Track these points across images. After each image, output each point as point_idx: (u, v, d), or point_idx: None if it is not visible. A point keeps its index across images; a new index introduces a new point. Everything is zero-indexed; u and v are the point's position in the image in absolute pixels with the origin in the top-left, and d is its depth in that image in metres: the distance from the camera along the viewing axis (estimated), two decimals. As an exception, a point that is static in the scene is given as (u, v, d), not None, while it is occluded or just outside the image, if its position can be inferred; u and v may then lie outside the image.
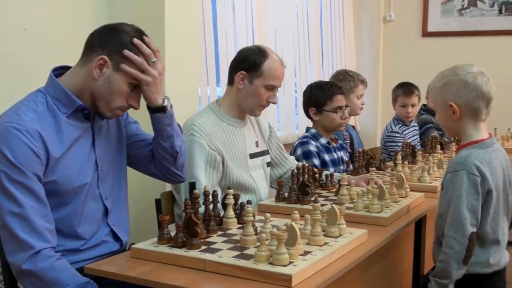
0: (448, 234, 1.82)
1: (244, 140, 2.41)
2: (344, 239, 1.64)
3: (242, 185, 2.35)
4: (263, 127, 2.59)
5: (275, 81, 2.37)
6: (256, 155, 2.47)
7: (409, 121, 4.18)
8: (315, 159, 2.85)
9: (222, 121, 2.36)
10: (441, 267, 1.83)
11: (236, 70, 2.37)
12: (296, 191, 2.13)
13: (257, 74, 2.34)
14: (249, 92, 2.36)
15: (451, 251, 1.80)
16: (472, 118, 1.91)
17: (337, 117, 2.95)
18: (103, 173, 1.82)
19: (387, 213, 1.98)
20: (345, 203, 2.11)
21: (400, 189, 2.24)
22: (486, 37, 5.42)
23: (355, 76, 3.58)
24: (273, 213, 1.97)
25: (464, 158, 1.86)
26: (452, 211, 1.82)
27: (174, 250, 1.54)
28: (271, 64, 2.35)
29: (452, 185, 1.84)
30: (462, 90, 1.88)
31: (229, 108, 2.40)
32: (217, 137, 2.28)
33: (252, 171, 2.43)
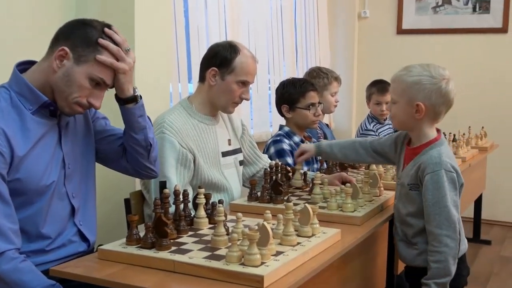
0: (441, 234, 1.89)
1: (216, 138, 2.40)
2: (317, 238, 1.65)
3: (214, 184, 2.35)
4: (235, 124, 2.59)
5: (248, 77, 2.37)
6: (228, 153, 2.47)
7: (384, 119, 4.21)
8: (289, 158, 2.85)
9: (193, 119, 2.35)
10: (440, 266, 1.89)
11: (207, 67, 2.36)
12: (269, 190, 2.13)
13: (228, 70, 2.33)
14: (221, 88, 2.35)
15: (447, 249, 1.88)
16: (432, 120, 2.01)
17: (310, 114, 2.96)
18: (70, 171, 1.79)
19: (361, 212, 1.99)
20: (318, 202, 2.12)
21: (374, 188, 2.26)
22: (460, 35, 5.49)
23: (329, 73, 3.59)
24: (245, 213, 1.97)
25: (438, 157, 1.94)
26: (441, 211, 1.89)
27: (143, 251, 1.53)
28: (242, 60, 2.35)
29: (433, 185, 1.91)
30: (433, 93, 1.95)
31: (201, 105, 2.39)
32: (188, 135, 2.27)
33: (225, 169, 2.42)
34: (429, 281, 1.90)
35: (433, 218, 1.91)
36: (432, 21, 5.58)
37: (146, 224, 1.58)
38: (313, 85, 3.03)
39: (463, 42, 5.50)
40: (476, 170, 4.10)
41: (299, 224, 1.69)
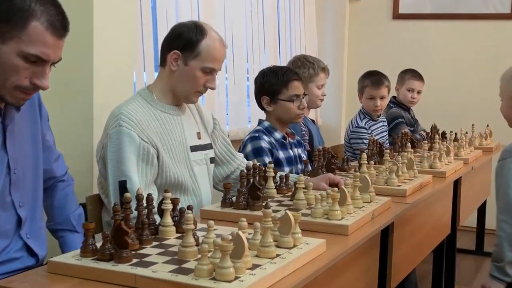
0: (500, 218, 2.28)
1: (182, 130, 2.40)
2: (299, 250, 1.65)
3: (181, 184, 2.34)
4: (206, 118, 2.59)
5: (214, 63, 2.37)
6: (198, 148, 2.47)
7: (377, 115, 4.24)
8: (267, 157, 2.86)
9: (155, 109, 2.34)
10: (497, 250, 2.29)
11: (168, 49, 2.36)
12: (245, 195, 2.13)
13: (193, 55, 2.33)
14: (184, 75, 2.35)
15: (503, 233, 2.25)
16: None
17: (293, 106, 2.97)
18: (17, 177, 1.77)
19: (349, 220, 2.00)
20: (301, 209, 2.12)
21: (365, 193, 2.27)
22: (464, 21, 5.55)
23: (315, 63, 3.61)
24: (218, 221, 1.96)
25: (510, 146, 2.34)
26: (502, 197, 2.29)
27: (100, 263, 1.52)
28: (209, 43, 2.34)
29: (500, 172, 2.32)
30: None
31: (162, 93, 2.39)
32: (149, 127, 2.27)
33: (194, 166, 2.42)
34: (491, 262, 2.33)
35: (496, 203, 2.33)
36: (432, 5, 5.64)
37: (104, 233, 1.57)
38: (297, 73, 3.04)
39: (467, 29, 5.56)
40: (479, 174, 4.14)
41: (279, 233, 1.68)
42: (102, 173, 2.30)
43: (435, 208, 3.13)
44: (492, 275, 2.33)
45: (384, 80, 4.17)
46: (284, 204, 2.23)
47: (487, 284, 2.37)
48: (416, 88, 4.67)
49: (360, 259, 2.11)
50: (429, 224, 3.04)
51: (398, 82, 4.72)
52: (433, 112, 5.34)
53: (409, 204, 2.46)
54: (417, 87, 4.67)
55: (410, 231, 2.69)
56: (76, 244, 1.59)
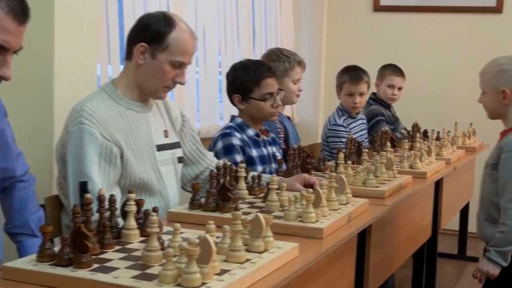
0: (508, 208, 2.56)
1: (149, 128, 2.39)
2: (271, 254, 1.65)
3: (147, 185, 2.34)
4: (173, 115, 2.58)
5: (184, 57, 2.36)
6: (165, 147, 2.46)
7: (356, 112, 4.26)
8: (238, 155, 2.86)
9: (119, 105, 2.33)
10: (503, 237, 2.56)
11: (135, 42, 2.35)
12: (215, 196, 2.13)
13: (161, 47, 2.32)
14: (151, 69, 2.34)
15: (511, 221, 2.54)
16: None
17: (267, 105, 2.97)
18: None
19: (324, 223, 2.00)
20: (274, 211, 2.12)
21: (341, 195, 2.28)
22: (448, 14, 5.60)
23: (291, 56, 3.62)
24: (186, 223, 1.96)
25: None
26: (509, 187, 2.56)
27: (57, 269, 1.50)
28: (179, 36, 2.33)
29: (507, 163, 2.59)
30: None
31: (127, 88, 2.37)
32: (113, 124, 2.25)
33: (161, 166, 2.41)
34: (490, 247, 2.57)
35: (503, 193, 2.58)
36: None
37: (62, 237, 1.55)
38: (270, 69, 3.03)
39: (451, 22, 5.61)
40: (462, 175, 4.19)
41: (249, 237, 1.68)
42: (62, 173, 2.28)
43: (415, 210, 3.16)
44: (491, 259, 2.58)
45: (363, 75, 4.18)
46: (256, 206, 2.23)
47: (484, 267, 2.61)
48: (397, 84, 4.70)
49: (335, 264, 2.12)
50: (408, 227, 3.06)
51: (378, 78, 4.75)
52: (414, 109, 5.38)
53: (387, 206, 2.47)
54: (398, 83, 4.71)
55: (388, 235, 2.71)
56: (35, 249, 1.58)
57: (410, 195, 2.81)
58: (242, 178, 2.36)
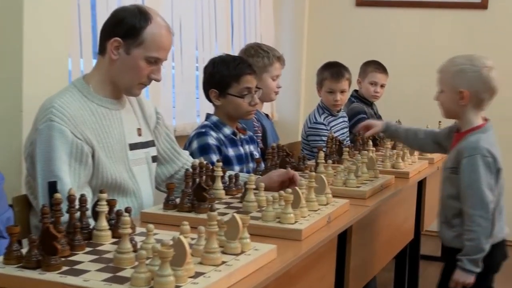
0: (474, 214, 2.58)
1: (121, 126, 2.38)
2: (248, 257, 1.65)
3: (119, 185, 2.33)
4: (147, 112, 2.58)
5: (160, 53, 2.35)
6: (138, 146, 2.46)
7: (337, 110, 4.27)
8: (214, 155, 2.86)
9: (91, 102, 2.32)
10: (473, 244, 2.58)
11: (109, 36, 2.34)
12: (191, 196, 2.13)
13: (136, 43, 2.31)
14: (125, 65, 2.33)
15: (480, 228, 2.56)
16: (476, 107, 2.70)
17: (244, 103, 2.97)
18: None
19: (303, 224, 2.01)
20: (251, 212, 2.12)
21: (320, 195, 2.28)
22: (433, 9, 5.64)
23: (270, 52, 3.62)
24: (160, 224, 1.96)
25: (475, 143, 2.64)
26: (474, 192, 2.58)
27: (25, 271, 1.49)
28: (154, 31, 2.33)
29: (469, 168, 2.60)
30: (475, 80, 2.65)
31: (100, 84, 2.36)
32: (84, 122, 2.24)
33: (134, 166, 2.41)
34: (462, 257, 2.58)
35: (468, 199, 2.60)
36: (399, -8, 5.70)
37: (31, 238, 1.54)
38: (250, 66, 3.04)
39: (436, 18, 5.65)
40: (446, 175, 4.21)
41: (226, 238, 1.68)
42: (30, 172, 2.27)
43: (397, 211, 3.18)
44: (464, 268, 2.59)
45: (344, 72, 4.20)
46: (233, 206, 2.23)
47: (460, 278, 2.62)
48: (379, 81, 4.72)
49: (315, 266, 2.13)
50: (390, 229, 3.08)
51: (360, 74, 4.77)
52: (397, 107, 5.40)
53: (368, 207, 2.49)
54: (381, 81, 4.73)
55: (369, 236, 2.73)
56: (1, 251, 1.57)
57: (392, 196, 2.83)
58: (218, 177, 2.35)
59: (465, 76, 2.66)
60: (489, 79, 2.65)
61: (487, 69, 2.66)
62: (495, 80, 2.67)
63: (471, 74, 2.65)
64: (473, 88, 2.65)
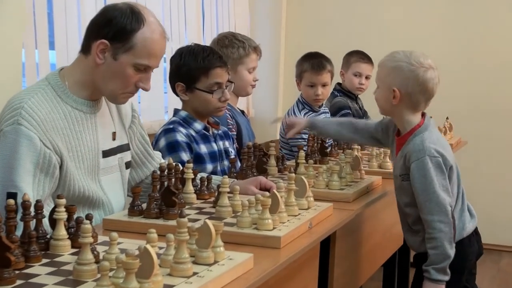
0: (433, 220, 2.58)
1: (95, 133, 2.35)
2: (221, 267, 1.65)
3: (87, 198, 2.31)
4: (123, 111, 2.55)
5: (151, 60, 2.30)
6: (111, 152, 2.43)
7: (319, 105, 4.28)
8: (184, 153, 2.86)
9: (65, 104, 2.27)
10: (437, 252, 2.58)
11: (95, 36, 2.27)
12: (159, 201, 2.12)
13: (125, 47, 2.26)
14: (111, 71, 2.28)
15: (441, 234, 2.57)
16: (411, 108, 2.67)
17: (213, 99, 2.95)
18: None
19: (282, 230, 2.01)
20: (225, 218, 2.12)
21: (301, 198, 2.29)
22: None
23: (246, 42, 3.62)
24: (125, 232, 1.95)
25: (420, 144, 2.62)
26: (430, 197, 2.58)
27: (-26, 286, 1.49)
28: (147, 35, 2.27)
29: (419, 173, 2.59)
30: (410, 81, 2.62)
31: (78, 85, 2.31)
32: (55, 127, 2.20)
33: (103, 175, 2.38)
34: (428, 267, 2.58)
35: (424, 206, 2.59)
36: (385, -24, 5.74)
37: (-20, 249, 1.53)
38: (221, 58, 3.02)
39: (423, 5, 5.68)
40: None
41: (197, 247, 1.68)
42: None
43: (386, 215, 3.19)
44: (433, 279, 2.58)
45: (326, 64, 4.20)
46: (205, 211, 2.23)
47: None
48: (363, 72, 4.72)
49: (295, 276, 2.13)
50: (378, 234, 3.09)
51: (343, 66, 4.78)
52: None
53: (353, 211, 2.50)
54: (365, 71, 4.73)
55: (355, 243, 2.74)
56: None
57: (379, 198, 2.84)
58: (189, 180, 2.35)
59: (400, 74, 2.62)
60: (424, 80, 2.61)
61: (423, 69, 2.61)
62: (431, 82, 2.63)
63: (406, 73, 2.61)
64: (406, 89, 2.61)
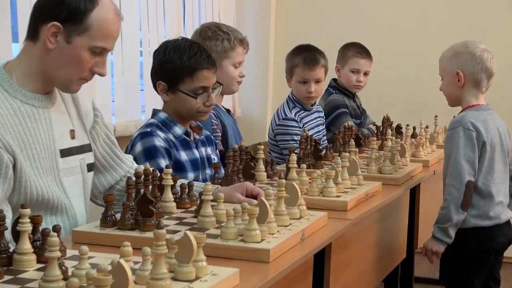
0: (448, 183, 3.17)
1: (50, 128, 2.37)
2: (204, 283, 1.65)
3: (47, 202, 2.32)
4: (83, 109, 2.56)
5: (107, 41, 2.35)
6: (71, 151, 2.44)
7: (311, 103, 4.28)
8: (162, 160, 2.86)
9: (13, 98, 2.29)
10: (442, 212, 3.18)
11: (45, 19, 2.29)
12: (134, 211, 2.12)
13: (80, 29, 2.29)
14: (65, 55, 2.31)
15: (450, 197, 3.15)
16: (474, 88, 3.30)
17: (197, 103, 2.95)
18: None
19: (271, 243, 2.01)
20: (208, 229, 2.12)
21: (292, 207, 2.28)
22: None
23: (231, 34, 3.62)
24: (96, 245, 1.96)
25: (460, 117, 3.25)
26: (452, 163, 3.16)
27: None
28: (102, 15, 2.31)
29: (450, 140, 3.21)
30: (469, 61, 3.26)
31: (27, 77, 2.34)
32: (5, 125, 2.22)
33: (64, 177, 2.39)
34: (434, 225, 3.22)
35: (446, 171, 3.22)
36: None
37: None
38: (210, 59, 3.00)
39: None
40: (444, 180, 4.24)
41: (177, 262, 1.68)
42: None
43: (386, 225, 3.20)
44: (434, 236, 3.21)
45: (319, 58, 4.19)
46: (186, 222, 2.23)
47: (429, 245, 3.25)
48: (362, 68, 4.73)
49: (287, 293, 2.13)
50: (378, 246, 3.09)
51: (338, 60, 4.77)
52: (384, 99, 5.44)
53: (351, 221, 2.50)
54: (364, 67, 4.74)
55: (353, 256, 2.73)
56: None
57: (379, 207, 2.84)
58: (168, 187, 2.35)
59: (460, 58, 3.28)
60: (482, 60, 3.26)
61: (480, 49, 3.28)
62: (489, 61, 3.28)
63: (465, 56, 3.27)
64: (468, 69, 3.26)
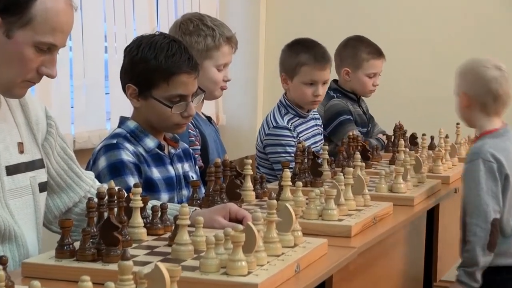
0: (471, 222, 3.23)
1: None
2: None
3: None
4: (33, 117, 2.57)
5: (55, 36, 2.35)
6: (19, 168, 2.45)
7: (314, 108, 4.27)
8: (131, 177, 2.86)
9: None
10: (468, 256, 3.25)
11: None
12: (96, 239, 2.11)
13: (22, 21, 2.30)
14: (5, 53, 2.33)
15: (475, 238, 3.22)
16: (483, 112, 3.35)
17: (173, 114, 2.94)
18: None
19: (260, 276, 2.00)
20: (185, 259, 2.12)
21: (286, 233, 2.28)
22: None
23: (217, 29, 3.62)
24: (50, 280, 1.97)
25: (478, 147, 3.32)
26: (473, 200, 3.25)
27: None
28: (48, 5, 2.31)
29: (469, 174, 3.29)
30: (474, 82, 3.34)
31: None
32: None
33: (12, 198, 2.40)
34: (460, 268, 3.29)
35: (466, 208, 3.28)
36: None
37: None
38: (190, 61, 2.98)
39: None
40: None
41: (146, 299, 1.67)
42: None
43: (399, 254, 3.20)
44: (460, 280, 3.27)
45: (329, 55, 4.20)
46: (158, 251, 2.23)
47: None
48: (379, 70, 4.71)
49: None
50: (389, 279, 3.10)
51: (346, 62, 4.72)
52: (396, 104, 5.46)
53: (356, 249, 2.50)
54: (379, 69, 4.72)
55: (358, 291, 2.73)
56: None
57: (390, 232, 2.84)
58: (137, 209, 2.35)
59: (465, 77, 3.39)
60: (486, 81, 3.31)
61: (484, 68, 3.33)
62: (494, 81, 3.31)
63: (470, 76, 3.37)
64: (472, 91, 3.35)
